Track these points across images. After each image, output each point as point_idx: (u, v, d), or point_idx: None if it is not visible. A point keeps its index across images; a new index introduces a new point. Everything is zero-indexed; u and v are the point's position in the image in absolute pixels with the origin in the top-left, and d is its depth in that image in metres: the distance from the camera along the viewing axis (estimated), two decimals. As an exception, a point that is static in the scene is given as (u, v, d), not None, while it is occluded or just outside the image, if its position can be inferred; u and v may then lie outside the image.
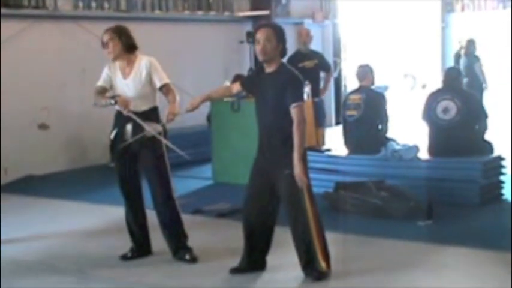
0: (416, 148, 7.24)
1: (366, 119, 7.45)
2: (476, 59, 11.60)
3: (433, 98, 7.38)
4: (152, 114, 5.28)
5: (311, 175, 4.86)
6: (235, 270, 5.03)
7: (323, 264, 4.79)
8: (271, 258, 5.05)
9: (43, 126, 9.31)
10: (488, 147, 7.31)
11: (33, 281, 5.19)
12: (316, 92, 8.97)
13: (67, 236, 6.34)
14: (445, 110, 7.21)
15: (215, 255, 5.47)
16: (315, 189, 4.90)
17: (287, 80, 4.73)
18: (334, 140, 9.01)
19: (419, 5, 17.55)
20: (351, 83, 12.88)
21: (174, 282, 5.03)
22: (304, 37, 9.38)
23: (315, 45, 10.27)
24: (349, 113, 7.62)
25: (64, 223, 6.83)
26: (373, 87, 7.75)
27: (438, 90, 7.57)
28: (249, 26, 11.75)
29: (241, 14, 12.10)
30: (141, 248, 5.52)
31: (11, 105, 8.84)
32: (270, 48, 4.73)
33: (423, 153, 7.27)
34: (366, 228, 6.12)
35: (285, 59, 4.94)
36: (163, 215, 5.36)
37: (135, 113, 5.16)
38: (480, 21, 15.09)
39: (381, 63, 15.68)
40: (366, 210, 6.49)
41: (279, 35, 4.78)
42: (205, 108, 8.75)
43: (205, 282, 5.01)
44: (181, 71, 10.45)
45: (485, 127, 7.35)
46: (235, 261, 5.05)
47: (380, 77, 8.85)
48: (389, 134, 7.63)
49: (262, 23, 5.00)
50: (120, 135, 5.30)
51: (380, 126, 7.53)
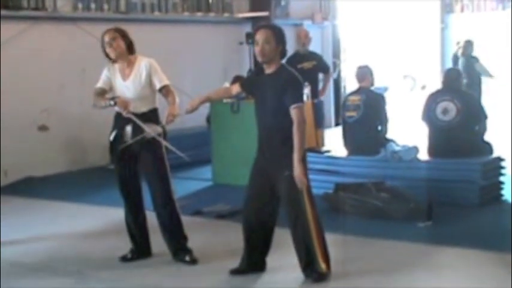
0: (416, 149, 7.25)
1: (366, 120, 7.45)
2: (475, 60, 11.59)
3: (433, 99, 7.39)
4: (152, 116, 5.28)
5: (311, 176, 4.86)
6: (235, 272, 5.03)
7: (323, 265, 4.79)
8: (271, 260, 5.05)
9: (43, 128, 9.32)
10: (487, 148, 7.31)
11: (33, 282, 5.19)
12: (314, 93, 8.96)
13: (67, 238, 6.34)
14: (445, 111, 7.22)
15: (215, 257, 5.47)
16: (315, 191, 4.90)
17: (287, 81, 4.72)
18: (334, 141, 9.01)
19: (418, 5, 17.54)
20: (350, 84, 12.87)
21: (174, 283, 5.03)
22: (303, 38, 9.36)
23: (314, 47, 10.25)
24: (348, 114, 7.61)
25: (64, 225, 6.83)
26: (372, 88, 7.74)
27: (438, 91, 7.57)
28: (248, 27, 11.73)
29: (241, 15, 12.10)
30: (140, 250, 5.52)
31: (11, 107, 8.83)
32: (269, 49, 4.72)
33: (423, 154, 7.27)
34: (366, 229, 6.12)
35: (283, 61, 4.92)
36: (163, 217, 5.36)
37: (135, 114, 5.16)
38: (479, 22, 15.10)
39: (380, 64, 15.64)
40: (366, 211, 6.49)
41: (278, 36, 4.76)
42: (205, 109, 8.76)
43: (205, 283, 5.01)
44: (180, 72, 10.45)
45: (485, 128, 7.35)
46: (235, 262, 5.05)
47: (379, 78, 8.83)
48: (389, 135, 7.63)
49: (262, 24, 4.96)
50: (119, 137, 5.30)
51: (380, 127, 7.53)
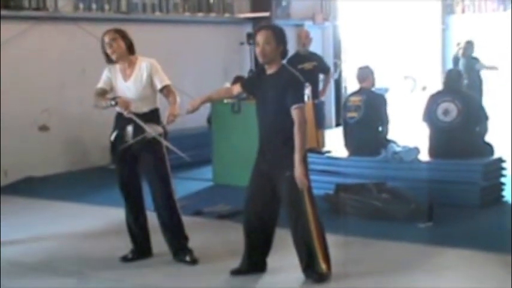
0: (416, 150, 7.24)
1: (366, 120, 7.45)
2: (476, 61, 11.58)
3: (434, 100, 7.38)
4: (153, 116, 5.28)
5: (311, 177, 4.85)
6: (235, 272, 5.02)
7: (323, 266, 4.78)
8: (272, 260, 5.05)
9: (43, 128, 9.32)
10: (488, 149, 7.30)
11: (33, 282, 5.19)
12: (314, 94, 8.96)
13: (67, 238, 6.33)
14: (446, 112, 7.21)
15: (215, 257, 5.47)
16: (316, 191, 4.89)
17: (288, 82, 4.72)
18: (335, 142, 9.00)
19: (419, 6, 17.53)
20: (351, 84, 12.87)
21: (174, 283, 5.03)
22: (303, 39, 9.37)
23: (315, 47, 10.26)
24: (349, 114, 7.61)
25: (64, 225, 6.83)
26: (373, 89, 7.74)
27: (438, 92, 7.57)
28: (249, 28, 11.73)
29: (242, 15, 12.10)
30: (141, 250, 5.51)
31: (11, 107, 8.83)
32: (270, 50, 4.72)
33: (423, 155, 7.27)
34: (367, 230, 6.11)
35: (284, 61, 4.91)
36: (163, 217, 5.36)
37: (136, 114, 5.16)
38: (480, 23, 15.10)
39: (381, 65, 15.63)
40: (367, 212, 6.48)
41: (279, 36, 4.76)
42: (206, 109, 8.76)
43: (206, 283, 5.01)
44: (181, 72, 10.45)
45: (486, 129, 7.35)
46: (235, 262, 5.05)
47: (380, 78, 8.83)
48: (389, 136, 7.62)
49: (262, 25, 4.95)
50: (120, 137, 5.30)
51: (380, 128, 7.53)
